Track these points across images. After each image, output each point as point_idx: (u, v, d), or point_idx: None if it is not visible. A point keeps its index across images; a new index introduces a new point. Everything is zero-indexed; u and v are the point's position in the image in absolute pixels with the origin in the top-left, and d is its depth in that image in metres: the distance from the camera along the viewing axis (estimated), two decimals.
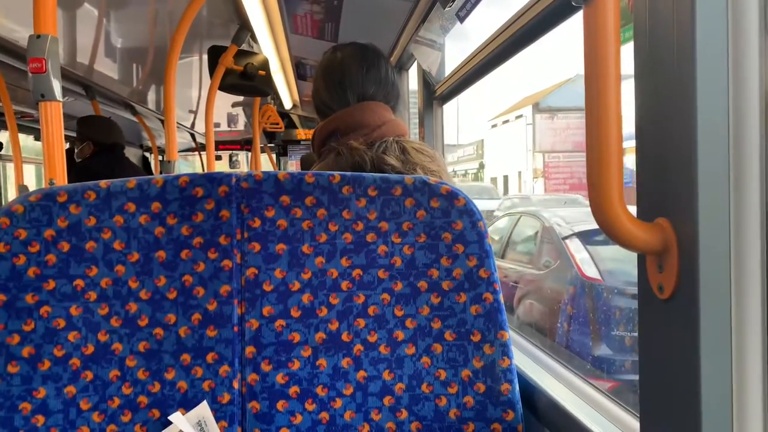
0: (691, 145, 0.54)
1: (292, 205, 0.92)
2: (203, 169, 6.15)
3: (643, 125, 0.61)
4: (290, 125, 6.35)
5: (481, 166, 31.95)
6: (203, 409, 0.89)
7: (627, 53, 0.60)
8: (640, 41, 0.61)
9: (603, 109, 0.56)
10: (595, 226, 0.60)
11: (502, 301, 0.93)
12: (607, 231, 0.58)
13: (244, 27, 2.52)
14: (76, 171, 2.80)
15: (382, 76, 1.32)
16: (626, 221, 0.57)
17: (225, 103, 4.61)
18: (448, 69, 2.16)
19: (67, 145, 3.81)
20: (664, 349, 0.60)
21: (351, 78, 1.30)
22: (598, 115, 0.57)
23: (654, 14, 0.59)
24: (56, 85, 1.09)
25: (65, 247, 0.89)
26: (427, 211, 0.92)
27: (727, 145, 0.54)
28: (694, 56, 0.54)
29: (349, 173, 0.93)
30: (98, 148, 2.99)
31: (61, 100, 1.11)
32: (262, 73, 2.68)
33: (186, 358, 0.90)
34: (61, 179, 1.15)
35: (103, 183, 0.91)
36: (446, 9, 1.64)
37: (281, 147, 6.87)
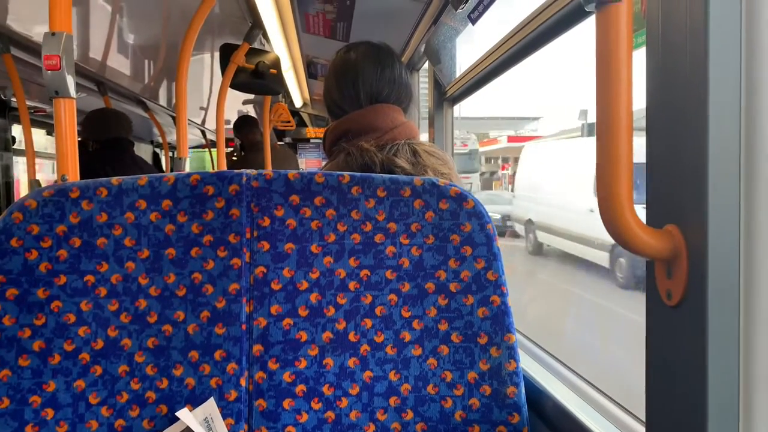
0: (701, 151, 0.54)
1: (301, 205, 0.92)
2: (213, 167, 6.17)
3: (654, 131, 0.61)
4: (300, 123, 6.37)
5: None
6: (210, 406, 0.90)
7: (639, 58, 0.60)
8: (653, 46, 0.61)
9: (614, 115, 0.56)
10: None
11: (510, 304, 0.93)
12: (617, 237, 0.58)
13: (257, 25, 2.53)
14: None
15: (396, 76, 1.31)
16: (636, 227, 0.57)
17: (236, 100, 4.62)
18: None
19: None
20: (670, 355, 0.60)
21: (364, 79, 1.28)
22: (609, 121, 0.57)
23: (667, 19, 0.59)
24: (70, 82, 1.10)
25: (77, 242, 0.90)
26: (436, 213, 0.92)
27: (738, 151, 0.54)
28: (706, 62, 0.53)
29: (358, 174, 0.93)
30: (99, 144, 2.99)
31: (74, 96, 1.11)
32: (273, 71, 2.68)
33: (194, 355, 0.91)
34: (74, 175, 1.16)
35: (114, 180, 0.91)
36: (458, 11, 1.64)
37: (291, 145, 6.89)
